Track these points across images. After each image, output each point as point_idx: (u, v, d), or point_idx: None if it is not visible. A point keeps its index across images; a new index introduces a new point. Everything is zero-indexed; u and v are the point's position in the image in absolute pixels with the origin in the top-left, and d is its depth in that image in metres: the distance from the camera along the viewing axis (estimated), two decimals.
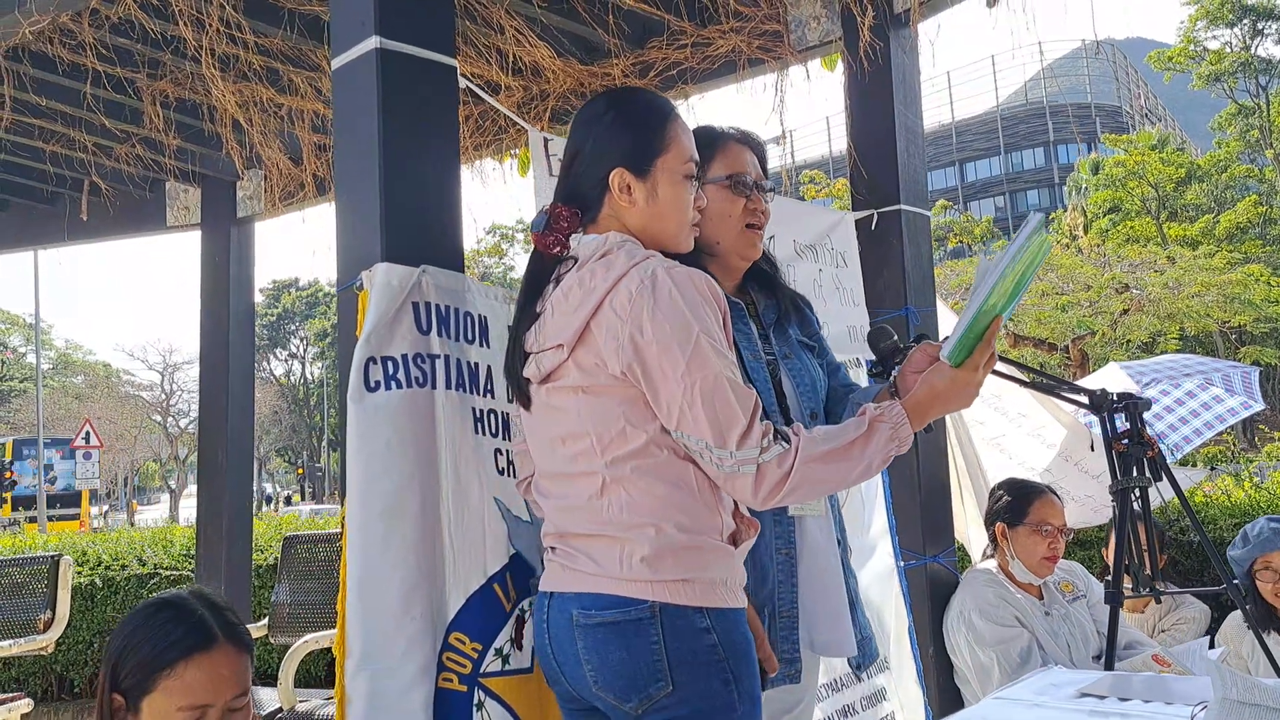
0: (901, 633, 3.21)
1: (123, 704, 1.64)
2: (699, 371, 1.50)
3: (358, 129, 2.08)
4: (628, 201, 1.67)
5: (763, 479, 1.50)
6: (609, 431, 1.57)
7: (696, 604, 1.54)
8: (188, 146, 4.48)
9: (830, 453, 1.54)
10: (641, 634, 1.52)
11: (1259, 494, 4.25)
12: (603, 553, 1.57)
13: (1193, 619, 3.60)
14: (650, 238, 1.67)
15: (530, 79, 3.87)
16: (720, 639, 1.55)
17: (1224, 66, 33.02)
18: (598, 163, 1.68)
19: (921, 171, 3.57)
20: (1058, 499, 3.21)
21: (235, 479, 4.85)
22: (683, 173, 1.70)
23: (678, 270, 1.56)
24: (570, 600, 1.59)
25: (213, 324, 4.89)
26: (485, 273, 37.80)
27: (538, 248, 1.69)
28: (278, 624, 4.05)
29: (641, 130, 1.69)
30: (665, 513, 1.55)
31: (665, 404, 1.52)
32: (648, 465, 1.55)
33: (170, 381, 40.43)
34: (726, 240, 1.95)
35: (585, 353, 1.57)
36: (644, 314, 1.52)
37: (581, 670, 1.57)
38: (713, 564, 1.57)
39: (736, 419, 1.50)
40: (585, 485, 1.59)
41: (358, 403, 1.88)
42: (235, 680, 1.68)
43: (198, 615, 1.69)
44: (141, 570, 5.91)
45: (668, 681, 1.52)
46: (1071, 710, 1.87)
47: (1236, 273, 18.81)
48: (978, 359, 1.66)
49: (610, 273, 1.57)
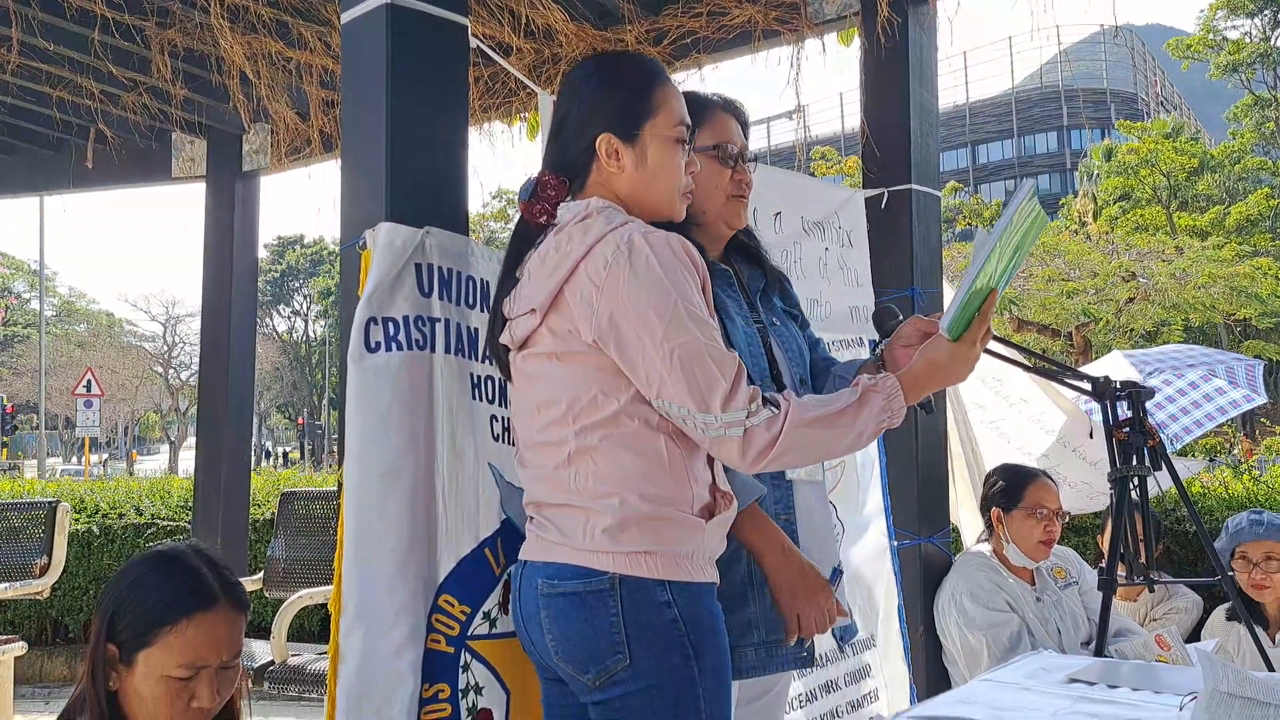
0: (891, 612, 3.22)
1: (116, 655, 1.63)
2: (677, 338, 1.47)
3: (365, 85, 2.05)
4: (616, 168, 1.63)
5: (750, 442, 1.48)
6: (580, 400, 1.54)
7: (657, 576, 1.52)
8: (195, 98, 4.45)
9: (821, 418, 1.51)
10: (600, 605, 1.51)
11: (1257, 487, 4.25)
12: (568, 522, 1.56)
13: (1184, 609, 3.61)
14: (640, 205, 1.64)
15: (542, 42, 3.83)
16: (682, 613, 1.52)
17: (1242, 57, 32.71)
18: (584, 128, 1.64)
19: (934, 151, 3.54)
20: (1053, 483, 3.22)
21: (235, 433, 4.86)
22: (673, 137, 1.66)
23: (655, 235, 1.53)
24: (538, 569, 1.59)
25: (215, 278, 4.88)
26: (490, 237, 37.68)
27: (524, 216, 1.66)
28: (273, 579, 4.08)
29: (629, 93, 1.65)
30: (631, 483, 1.53)
31: (644, 373, 1.50)
32: (617, 435, 1.53)
33: (173, 333, 40.52)
34: (712, 209, 1.93)
35: (558, 319, 1.55)
36: (620, 281, 1.49)
37: (545, 639, 1.57)
38: (679, 537, 1.55)
39: (717, 383, 1.47)
40: (554, 454, 1.57)
41: (358, 363, 1.87)
42: (231, 641, 1.68)
43: (199, 573, 1.69)
44: (139, 520, 5.94)
45: (625, 654, 1.50)
46: (1060, 695, 1.87)
47: (1245, 265, 18.72)
48: (975, 333, 1.64)
49: (586, 237, 1.54)
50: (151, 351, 41.02)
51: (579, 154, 1.65)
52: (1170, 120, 36.06)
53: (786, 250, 2.97)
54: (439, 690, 1.90)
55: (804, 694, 2.82)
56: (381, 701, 1.81)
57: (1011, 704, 1.81)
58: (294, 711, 4.47)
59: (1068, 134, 55.58)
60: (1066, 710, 1.77)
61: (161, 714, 1.62)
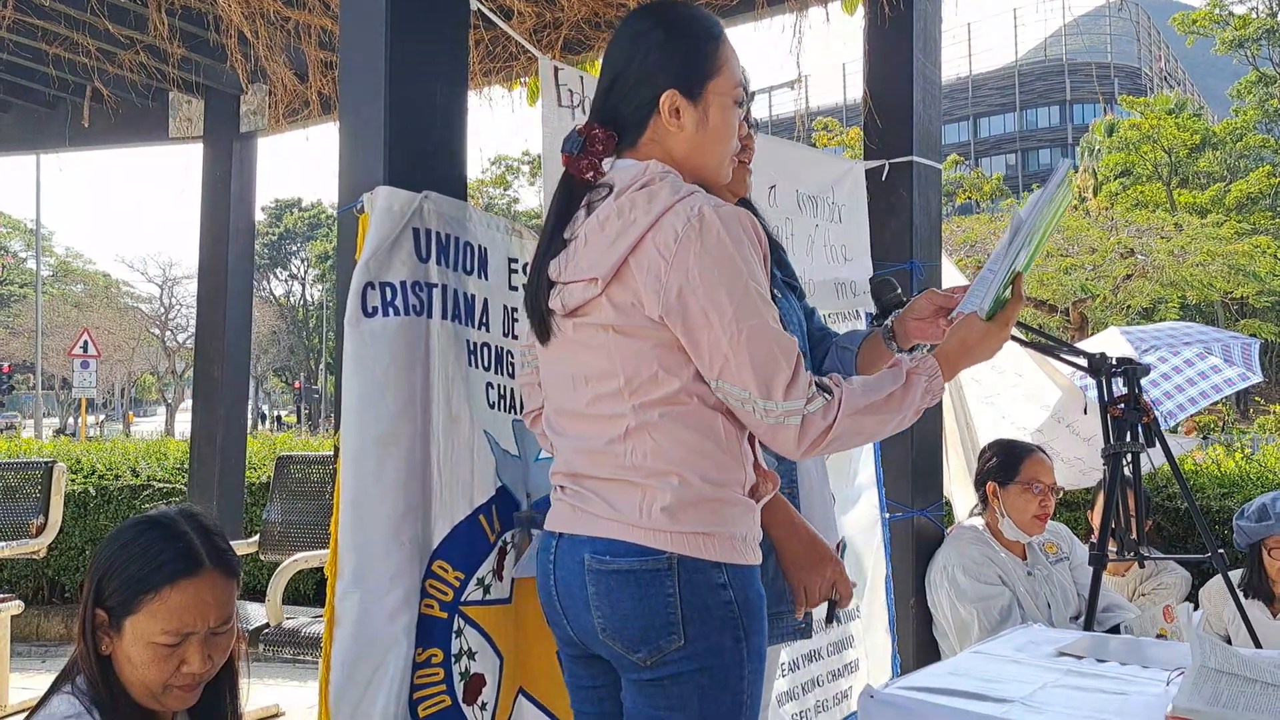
0: (878, 583, 3.24)
1: (105, 620, 1.63)
2: (746, 320, 1.42)
3: (364, 47, 2.03)
4: (676, 126, 1.56)
5: (808, 430, 1.44)
6: (640, 375, 1.49)
7: (715, 559, 1.49)
8: (192, 57, 4.40)
9: (872, 405, 1.48)
10: (657, 585, 1.47)
11: (1249, 465, 4.26)
12: (621, 498, 1.50)
13: (1173, 584, 3.64)
14: (692, 167, 1.58)
15: (544, 5, 3.79)
16: (735, 595, 1.50)
17: (1248, 32, 32.48)
18: (645, 83, 1.55)
19: (936, 123, 3.52)
20: (1048, 458, 3.23)
21: (231, 396, 4.85)
22: (733, 98, 1.60)
23: (725, 210, 1.47)
24: (583, 544, 1.52)
25: (212, 240, 4.85)
26: (489, 204, 37.49)
27: (569, 170, 1.58)
28: (268, 542, 4.09)
29: (695, 49, 1.56)
30: (691, 462, 1.49)
31: (708, 352, 1.44)
32: (677, 413, 1.49)
33: (170, 295, 40.39)
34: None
35: (621, 290, 1.48)
36: (690, 256, 1.43)
37: (589, 616, 1.51)
38: (734, 518, 1.52)
39: (781, 369, 1.43)
40: (607, 428, 1.51)
41: (354, 327, 1.86)
42: (219, 606, 1.67)
43: (186, 539, 1.67)
44: (135, 481, 5.94)
45: (680, 635, 1.47)
46: (1049, 668, 1.89)
47: (1243, 244, 18.71)
48: (1010, 313, 1.63)
49: (653, 205, 1.47)
50: (148, 313, 40.91)
51: (637, 108, 1.56)
52: (1173, 96, 35.89)
53: (778, 226, 2.96)
54: (432, 655, 1.91)
55: (787, 662, 2.85)
56: (376, 665, 1.82)
57: (1001, 676, 1.83)
58: (288, 674, 4.50)
59: (1070, 108, 55.29)
60: (1055, 683, 1.79)
61: (153, 678, 1.63)
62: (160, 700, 1.65)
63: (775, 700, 2.73)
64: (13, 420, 34.71)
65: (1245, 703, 1.54)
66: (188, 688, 1.66)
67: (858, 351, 1.97)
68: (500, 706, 2.04)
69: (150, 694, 1.64)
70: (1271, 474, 4.08)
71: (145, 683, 1.63)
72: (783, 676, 2.82)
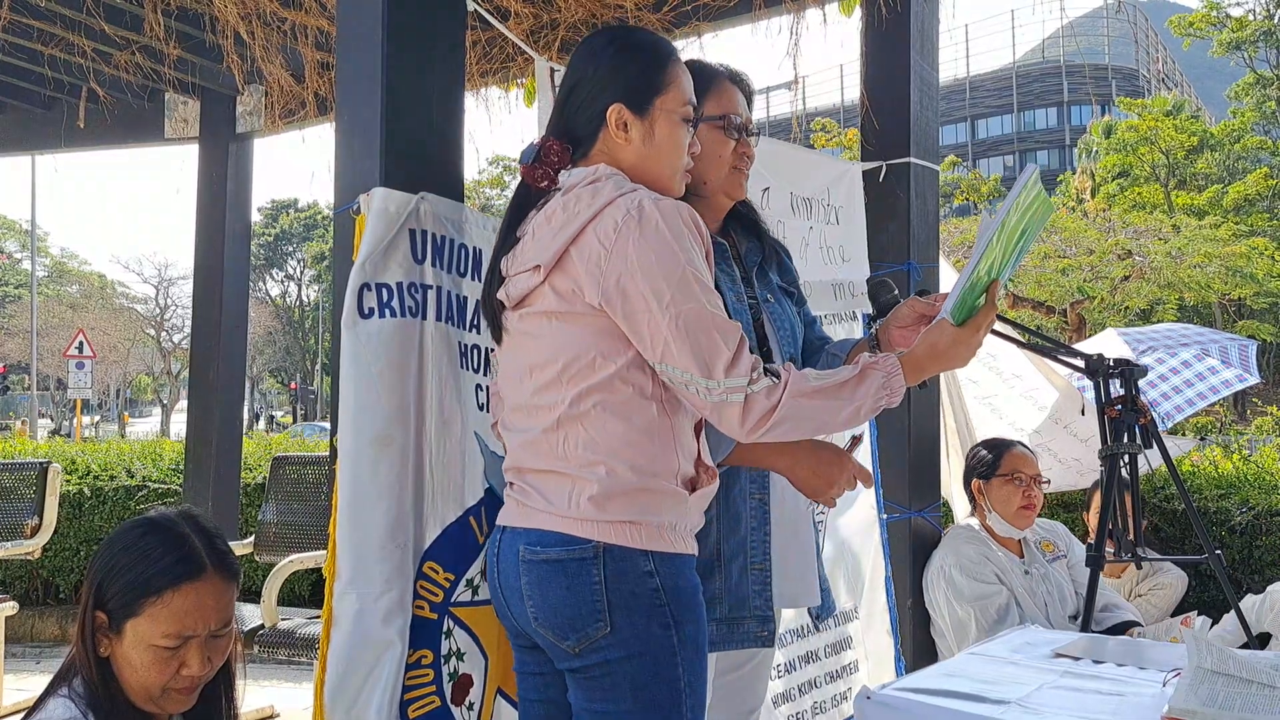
0: (877, 584, 3.24)
1: (105, 622, 1.63)
2: (684, 304, 1.49)
3: (361, 48, 2.03)
4: (623, 139, 1.64)
5: (750, 409, 1.49)
6: (579, 360, 1.55)
7: (641, 546, 1.53)
8: (188, 57, 4.39)
9: (819, 389, 1.53)
10: (584, 573, 1.52)
11: (1247, 466, 4.26)
12: (554, 489, 1.56)
13: (1170, 585, 3.64)
14: (641, 178, 1.64)
15: (541, 6, 3.78)
16: (663, 582, 1.54)
17: (1245, 34, 32.52)
18: (596, 97, 1.64)
19: (934, 125, 3.52)
20: (1030, 452, 3.26)
21: (227, 397, 4.84)
22: (681, 115, 1.67)
23: (664, 202, 1.54)
24: (519, 535, 1.59)
25: (208, 241, 4.84)
26: (486, 204, 37.45)
27: (525, 180, 1.66)
28: (263, 543, 4.08)
29: (643, 66, 1.66)
30: (620, 452, 1.54)
31: (649, 337, 1.51)
32: (611, 402, 1.54)
33: (165, 296, 40.34)
34: (715, 180, 1.92)
35: (562, 278, 1.55)
36: (629, 245, 1.50)
37: (524, 606, 1.57)
38: (662, 508, 1.56)
39: (721, 350, 1.49)
40: (544, 417, 1.57)
41: (351, 329, 1.86)
42: (220, 610, 1.67)
43: (189, 542, 1.67)
44: (130, 482, 5.93)
45: (606, 622, 1.52)
46: (1046, 669, 1.89)
47: (1241, 245, 18.74)
48: (981, 320, 1.66)
49: (596, 199, 1.54)
50: (144, 314, 40.86)
51: (587, 122, 1.65)
52: (1171, 97, 35.94)
53: (770, 229, 2.95)
54: (422, 656, 1.91)
55: (784, 664, 2.84)
56: (371, 666, 1.82)
57: (998, 677, 1.83)
58: (283, 674, 4.50)
59: (1068, 110, 55.34)
60: (1051, 684, 1.79)
61: (152, 681, 1.63)
62: (158, 703, 1.65)
63: (771, 701, 2.72)
64: (6, 423, 34.64)
65: (1242, 703, 1.54)
66: (186, 690, 1.66)
67: (846, 358, 1.98)
68: (485, 706, 2.04)
69: (148, 697, 1.64)
70: (1269, 475, 4.08)
71: (144, 685, 1.63)
72: (779, 678, 2.81)
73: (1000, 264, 1.68)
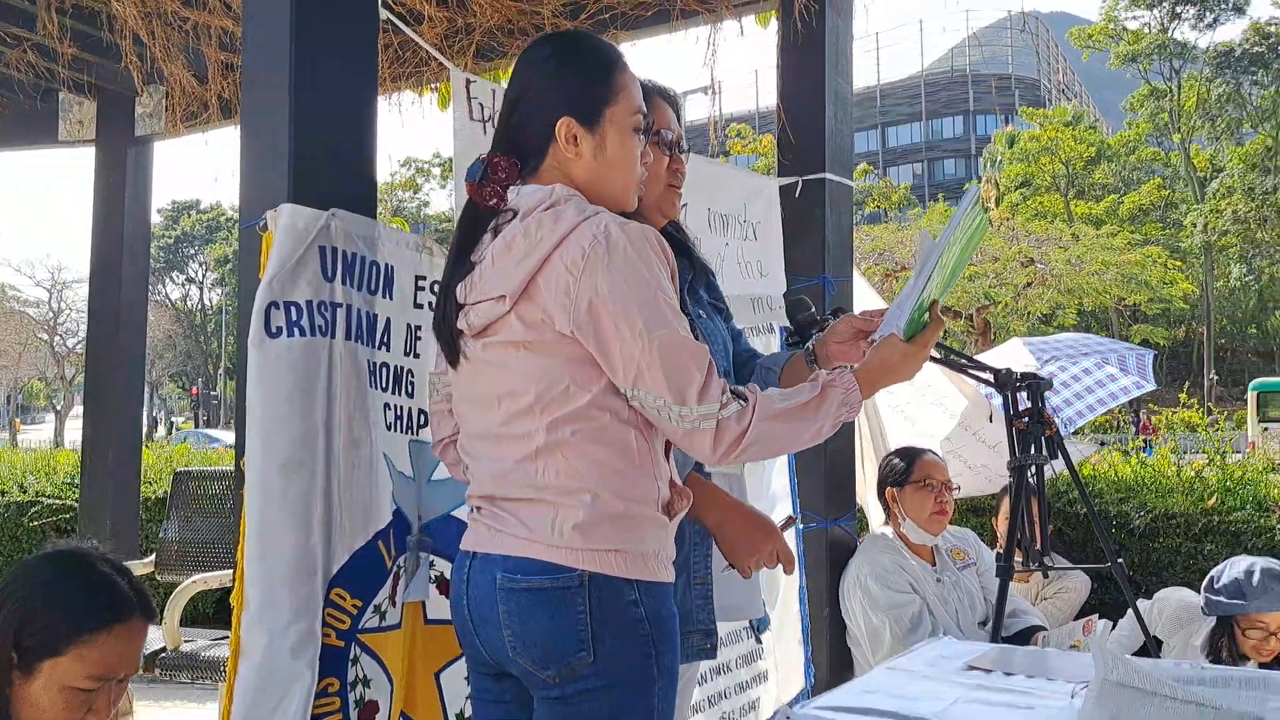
0: (790, 594, 3.26)
1: (14, 661, 1.55)
2: (657, 330, 1.45)
3: (268, 54, 1.95)
4: (574, 154, 1.58)
5: (723, 435, 1.47)
6: (552, 390, 1.50)
7: (626, 575, 1.50)
8: (84, 56, 4.19)
9: (786, 411, 1.51)
10: (568, 602, 1.48)
11: (1144, 470, 4.42)
12: (534, 517, 1.51)
13: (1074, 589, 3.76)
14: (595, 193, 1.59)
15: (455, 10, 3.73)
16: (647, 613, 1.51)
17: (1141, 47, 33.97)
18: (542, 111, 1.58)
19: (848, 140, 3.57)
20: (940, 459, 3.33)
21: (125, 404, 4.64)
22: (632, 125, 1.62)
23: (631, 226, 1.50)
24: (495, 562, 1.52)
25: (105, 247, 4.62)
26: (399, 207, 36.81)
27: (472, 199, 1.59)
28: (165, 562, 3.92)
29: (591, 77, 1.59)
30: (604, 479, 1.50)
31: (621, 363, 1.47)
32: (589, 429, 1.50)
33: (59, 299, 38.78)
34: (650, 198, 1.90)
35: (529, 307, 1.49)
36: (599, 271, 1.45)
37: (500, 635, 1.52)
38: (646, 535, 1.53)
39: (694, 376, 1.46)
40: (518, 447, 1.52)
41: (258, 348, 1.79)
42: (139, 653, 1.64)
43: (115, 583, 1.62)
44: (22, 498, 5.67)
45: (590, 652, 1.48)
46: (959, 683, 1.91)
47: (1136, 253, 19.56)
48: (929, 336, 1.68)
49: (559, 225, 1.48)
50: (36, 318, 39.21)
51: (535, 136, 1.58)
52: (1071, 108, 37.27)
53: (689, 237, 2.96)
54: (328, 684, 1.86)
55: (698, 676, 2.84)
56: (279, 699, 1.77)
57: (913, 692, 1.85)
58: (185, 695, 4.34)
59: (973, 119, 57.00)
60: (965, 698, 1.81)
61: None
62: None
63: None
64: None
65: (1145, 716, 1.58)
66: None
67: (780, 372, 1.99)
68: None
69: None
70: (1165, 478, 4.24)
71: None
72: (698, 686, 2.81)
73: (944, 283, 1.72)
